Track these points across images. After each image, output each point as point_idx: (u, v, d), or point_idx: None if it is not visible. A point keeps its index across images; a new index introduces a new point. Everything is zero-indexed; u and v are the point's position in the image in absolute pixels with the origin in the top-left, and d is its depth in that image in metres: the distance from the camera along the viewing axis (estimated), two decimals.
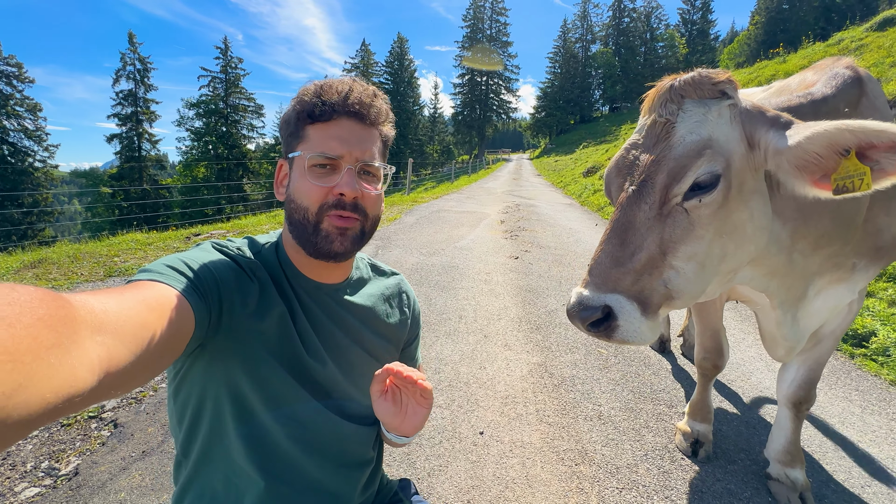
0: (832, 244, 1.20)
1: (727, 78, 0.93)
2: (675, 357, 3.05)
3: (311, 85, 0.82)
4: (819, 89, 1.15)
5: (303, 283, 0.87)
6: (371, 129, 0.83)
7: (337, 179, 0.79)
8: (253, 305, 0.77)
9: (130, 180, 30.68)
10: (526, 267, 5.20)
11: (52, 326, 0.38)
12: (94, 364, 0.42)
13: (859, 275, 1.40)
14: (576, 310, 0.86)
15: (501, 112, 63.81)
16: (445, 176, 26.60)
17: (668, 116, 0.93)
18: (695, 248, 0.89)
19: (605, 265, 0.88)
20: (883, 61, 8.16)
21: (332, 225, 0.79)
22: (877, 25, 10.15)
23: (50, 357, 0.37)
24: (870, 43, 9.49)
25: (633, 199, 0.91)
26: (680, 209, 0.89)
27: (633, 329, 0.85)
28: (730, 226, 0.91)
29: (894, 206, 1.34)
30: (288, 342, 0.81)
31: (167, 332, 0.56)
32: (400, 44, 52.03)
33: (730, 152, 0.90)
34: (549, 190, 16.66)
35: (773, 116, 0.91)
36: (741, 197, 0.91)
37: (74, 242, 5.82)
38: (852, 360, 3.12)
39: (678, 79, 0.95)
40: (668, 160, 0.89)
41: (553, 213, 9.87)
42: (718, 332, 1.94)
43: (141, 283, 0.61)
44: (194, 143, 34.97)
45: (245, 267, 0.80)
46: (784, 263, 1.15)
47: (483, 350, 3.05)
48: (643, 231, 0.88)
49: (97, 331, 0.45)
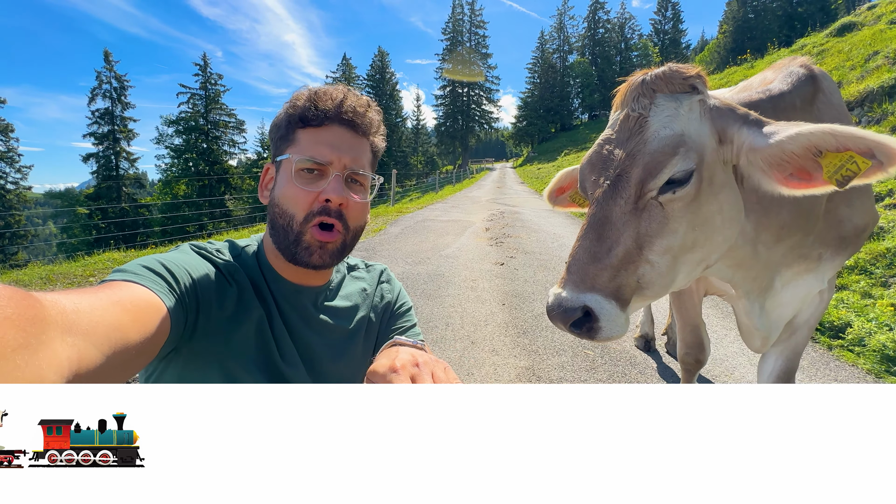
0: (793, 235, 1.23)
1: (696, 73, 0.95)
2: (661, 355, 3.09)
3: (304, 90, 0.82)
4: (777, 86, 1.20)
5: (282, 287, 0.85)
6: (362, 139, 0.84)
7: (324, 185, 0.78)
8: (230, 309, 0.76)
9: (108, 200, 29.98)
10: (511, 273, 5.22)
11: (19, 326, 0.37)
12: (62, 366, 0.41)
13: (826, 265, 1.45)
14: (556, 311, 0.86)
15: (483, 122, 64.72)
16: (430, 186, 26.71)
17: (640, 111, 0.94)
18: (670, 242, 0.90)
19: (582, 261, 0.88)
20: (843, 65, 8.55)
21: (314, 237, 0.79)
22: (836, 31, 10.66)
23: (16, 358, 0.36)
24: (830, 48, 9.95)
25: (608, 194, 0.91)
26: (655, 203, 0.90)
27: (614, 326, 0.86)
28: (701, 218, 0.92)
29: (854, 197, 1.39)
30: (264, 347, 0.79)
31: (141, 335, 0.55)
32: (381, 57, 52.50)
33: (702, 147, 0.92)
34: (533, 197, 16.84)
35: (742, 114, 0.94)
36: (711, 190, 0.93)
37: (49, 265, 5.65)
38: (830, 352, 3.20)
39: (649, 73, 0.97)
40: (642, 155, 0.91)
41: (537, 220, 9.97)
42: (698, 327, 1.98)
43: (115, 284, 0.59)
44: (174, 161, 34.46)
45: (223, 270, 0.79)
46: (749, 255, 1.18)
47: (470, 356, 3.04)
48: (620, 226, 0.89)
49: (67, 331, 0.43)
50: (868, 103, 6.67)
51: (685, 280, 0.99)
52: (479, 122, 64.38)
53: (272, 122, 0.87)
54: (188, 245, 0.81)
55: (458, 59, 61.97)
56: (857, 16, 10.95)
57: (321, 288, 0.91)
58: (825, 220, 1.35)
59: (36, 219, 37.36)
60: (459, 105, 62.98)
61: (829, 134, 0.80)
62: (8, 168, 28.86)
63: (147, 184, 42.75)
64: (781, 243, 1.23)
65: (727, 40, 46.42)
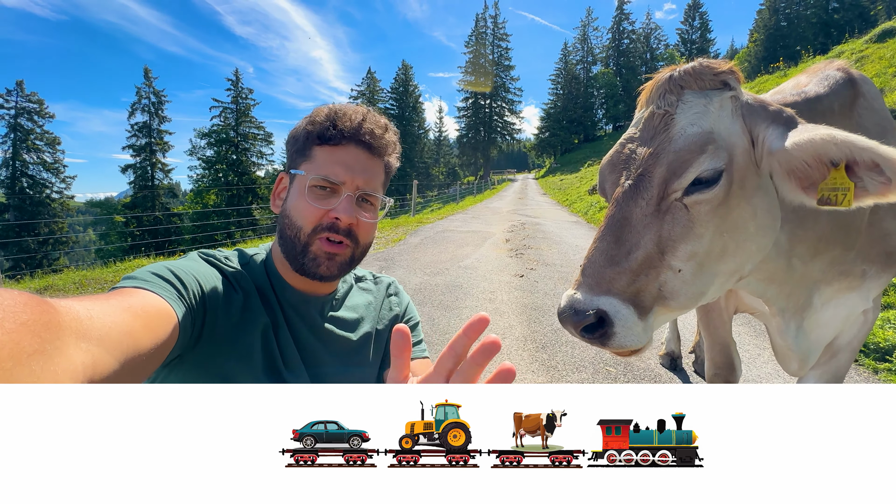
0: (832, 249, 1.14)
1: (729, 68, 0.89)
2: (688, 375, 2.94)
3: (325, 108, 0.84)
4: (812, 88, 1.12)
5: (289, 295, 0.86)
6: (377, 160, 0.85)
7: (335, 203, 0.80)
8: (236, 316, 0.77)
9: (143, 209, 31.44)
10: (531, 285, 5.13)
11: (35, 332, 0.37)
12: (77, 371, 0.41)
13: (871, 282, 1.33)
14: (567, 313, 0.80)
15: (505, 133, 64.87)
16: (451, 197, 26.82)
17: (666, 108, 0.88)
18: (695, 247, 0.83)
19: (598, 264, 0.82)
20: (885, 71, 8.15)
21: (322, 249, 0.80)
22: (876, 37, 10.19)
23: (32, 363, 0.36)
24: (871, 54, 9.52)
25: (629, 193, 0.85)
26: (679, 205, 0.83)
27: (630, 335, 0.79)
28: (730, 223, 0.85)
29: None
30: (268, 354, 0.80)
31: (152, 341, 0.56)
32: (404, 71, 53.59)
33: (732, 146, 0.86)
34: (555, 208, 16.66)
35: (775, 111, 0.87)
36: (743, 193, 0.86)
37: (83, 270, 5.91)
38: (876, 375, 2.98)
39: (678, 69, 0.92)
40: (667, 153, 0.85)
41: (559, 231, 9.82)
42: (728, 346, 1.86)
43: (126, 290, 0.61)
44: (205, 172, 35.95)
45: (231, 277, 0.80)
46: (783, 269, 1.09)
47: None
48: (640, 228, 0.83)
49: (82, 337, 0.44)
50: None
51: (717, 292, 0.91)
52: (501, 133, 64.56)
53: (290, 133, 0.88)
54: (196, 253, 0.82)
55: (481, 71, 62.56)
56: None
57: (327, 297, 0.92)
58: (868, 234, 1.24)
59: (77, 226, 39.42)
60: (481, 116, 63.37)
61: (830, 142, 0.73)
62: (54, 178, 30.74)
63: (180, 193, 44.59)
64: (819, 257, 1.13)
65: (758, 49, 45.17)
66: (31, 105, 30.36)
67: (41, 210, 29.09)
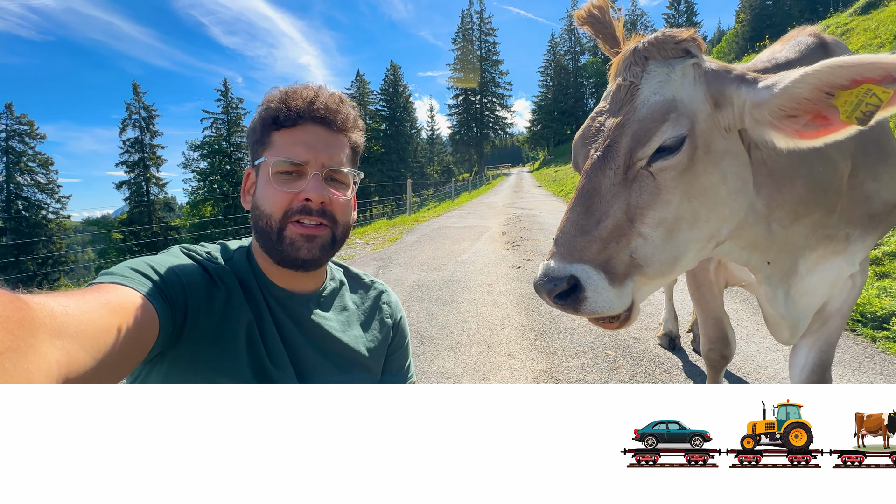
0: (812, 213, 1.14)
1: (690, 36, 0.91)
2: (686, 354, 2.95)
3: (276, 92, 0.81)
4: (784, 55, 1.13)
5: (273, 291, 0.84)
6: (338, 136, 0.82)
7: (303, 185, 0.77)
8: (219, 312, 0.75)
9: (140, 224, 31.41)
10: (528, 276, 5.13)
11: (7, 329, 0.37)
12: (51, 369, 0.41)
13: (856, 245, 1.34)
14: (541, 282, 0.82)
15: (498, 128, 64.78)
16: (447, 195, 26.80)
17: (631, 79, 0.90)
18: (662, 213, 0.85)
19: (570, 234, 0.84)
20: (871, 43, 8.15)
21: (296, 232, 0.77)
22: (860, 9, 10.20)
23: (4, 361, 0.36)
24: (855, 27, 9.51)
25: (597, 164, 0.87)
26: (646, 173, 0.85)
27: (600, 300, 0.81)
28: (698, 188, 0.87)
29: (882, 170, 1.29)
30: (253, 351, 0.78)
31: (130, 337, 0.55)
32: (393, 71, 53.41)
33: (694, 112, 0.87)
34: (551, 199, 16.66)
35: (739, 73, 0.89)
36: (709, 158, 0.87)
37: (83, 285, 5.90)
38: (875, 344, 2.99)
39: (642, 40, 0.94)
40: (632, 122, 0.86)
41: (555, 222, 9.81)
42: (721, 320, 1.87)
43: (103, 286, 0.59)
44: (200, 183, 35.93)
45: (213, 273, 0.78)
46: (763, 235, 1.10)
47: (486, 361, 2.97)
48: (609, 197, 0.85)
49: (56, 334, 0.43)
50: None
51: (694, 258, 0.92)
52: (493, 128, 64.47)
53: (248, 127, 0.86)
54: (178, 247, 0.80)
55: (470, 67, 62.45)
56: None
57: (312, 294, 0.89)
58: (850, 197, 1.25)
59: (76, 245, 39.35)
60: (473, 113, 63.27)
61: (839, 66, 0.72)
62: (49, 199, 30.71)
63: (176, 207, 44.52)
64: (800, 222, 1.14)
65: (745, 29, 45.08)
66: (22, 127, 30.31)
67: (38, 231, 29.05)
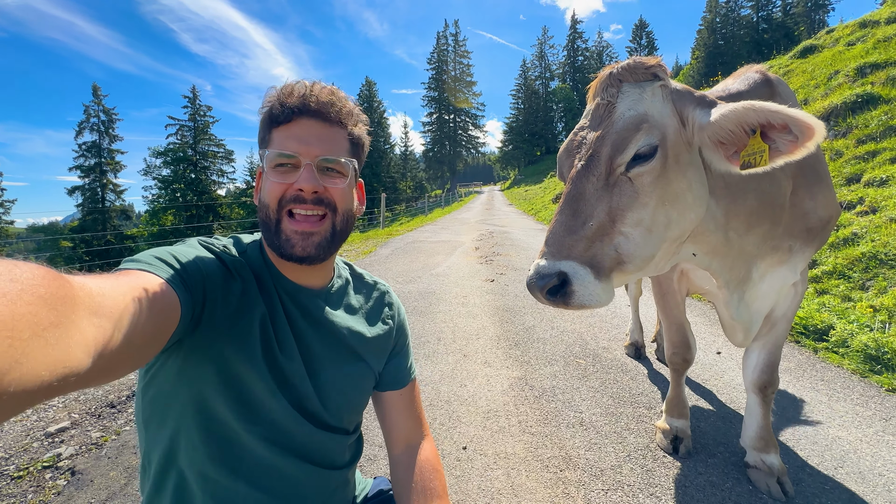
0: (762, 224, 1.31)
1: (657, 63, 1.05)
2: (651, 362, 3.12)
3: (274, 91, 0.83)
4: (735, 87, 1.31)
5: (285, 285, 0.86)
6: (335, 128, 0.82)
7: (297, 176, 0.78)
8: (235, 304, 0.77)
9: (93, 232, 29.58)
10: (502, 288, 5.26)
11: (52, 305, 0.39)
12: (89, 345, 0.42)
13: (797, 256, 1.52)
14: (534, 279, 0.90)
15: (470, 147, 66.03)
16: (419, 210, 26.93)
17: (608, 98, 1.03)
18: (640, 214, 0.96)
19: (559, 234, 0.93)
20: (808, 83, 9.02)
21: (291, 228, 0.78)
22: (799, 53, 11.27)
23: (48, 335, 0.37)
24: (795, 69, 10.50)
25: (582, 172, 0.98)
26: (624, 178, 0.97)
27: (588, 293, 0.89)
28: (671, 194, 0.99)
29: (817, 191, 1.48)
30: (265, 341, 0.79)
31: (156, 321, 0.57)
32: (368, 87, 53.74)
33: (664, 126, 1.00)
34: (521, 217, 17.08)
35: (699, 96, 1.03)
36: (678, 168, 1.00)
37: None
38: (816, 354, 3.26)
39: (616, 66, 1.07)
40: (610, 134, 0.98)
41: (526, 238, 10.09)
42: (683, 326, 2.02)
43: (131, 272, 0.61)
44: (162, 192, 34.32)
45: (230, 265, 0.79)
46: (722, 242, 1.24)
47: (463, 369, 3.03)
48: (593, 201, 0.95)
49: (94, 313, 0.45)
50: (833, 118, 7.01)
51: (663, 256, 1.04)
52: (466, 147, 65.68)
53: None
54: (196, 240, 0.82)
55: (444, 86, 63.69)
56: (817, 39, 11.62)
57: (321, 291, 0.91)
58: (791, 213, 1.43)
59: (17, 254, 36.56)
60: (446, 131, 64.32)
61: (752, 109, 0.88)
62: None
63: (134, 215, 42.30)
64: (752, 231, 1.30)
65: (700, 65, 48.70)
66: None
67: None
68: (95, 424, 2.40)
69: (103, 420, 2.45)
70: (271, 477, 0.79)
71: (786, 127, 0.86)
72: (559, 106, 63.29)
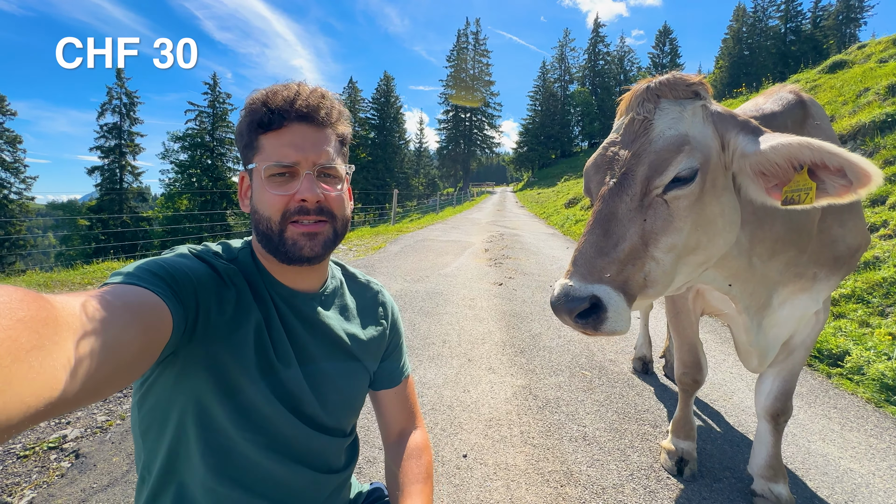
0: (787, 250, 1.26)
1: (699, 80, 1.00)
2: (658, 378, 3.07)
3: (257, 94, 0.80)
4: (769, 107, 1.25)
5: (279, 289, 0.85)
6: (324, 130, 0.81)
7: (297, 186, 0.77)
8: (230, 312, 0.76)
9: (110, 212, 30.09)
10: (510, 293, 5.22)
11: (33, 328, 0.38)
12: (75, 367, 0.41)
13: (821, 284, 1.46)
14: (561, 301, 0.85)
15: (485, 147, 65.81)
16: (431, 207, 26.92)
17: (645, 114, 0.97)
18: (674, 239, 0.91)
19: (589, 255, 0.88)
20: (835, 100, 8.79)
21: (297, 232, 0.78)
22: (827, 69, 11.01)
23: (30, 359, 0.36)
24: (822, 84, 10.25)
25: (614, 190, 0.93)
26: (660, 201, 0.91)
27: (621, 319, 0.85)
28: (704, 219, 0.94)
29: (847, 219, 1.42)
30: (262, 350, 0.79)
31: (146, 337, 0.55)
32: (386, 81, 53.78)
33: (707, 148, 0.95)
34: (533, 220, 16.97)
35: (743, 120, 0.97)
36: (714, 192, 0.95)
37: (46, 272, 5.63)
38: (829, 380, 3.17)
39: (654, 80, 1.01)
40: (648, 153, 0.93)
41: (536, 242, 10.02)
42: (696, 346, 1.97)
43: (118, 286, 0.59)
44: (178, 176, 34.80)
45: (222, 273, 0.78)
46: (745, 267, 1.20)
47: (467, 373, 3.01)
48: (626, 222, 0.90)
49: (78, 333, 0.44)
50: (861, 137, 6.83)
51: (682, 282, 1.00)
52: (480, 146, 65.48)
53: (235, 130, 0.85)
54: (186, 248, 0.80)
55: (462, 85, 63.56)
56: (847, 54, 11.33)
57: (315, 294, 0.90)
58: (819, 240, 1.38)
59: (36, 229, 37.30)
60: (462, 129, 64.19)
61: (806, 146, 0.82)
62: (13, 178, 29.16)
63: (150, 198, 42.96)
64: (776, 258, 1.25)
65: (723, 75, 47.85)
66: None
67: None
68: (101, 408, 2.44)
69: (109, 403, 2.48)
70: (270, 484, 0.79)
71: (840, 170, 0.80)
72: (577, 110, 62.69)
